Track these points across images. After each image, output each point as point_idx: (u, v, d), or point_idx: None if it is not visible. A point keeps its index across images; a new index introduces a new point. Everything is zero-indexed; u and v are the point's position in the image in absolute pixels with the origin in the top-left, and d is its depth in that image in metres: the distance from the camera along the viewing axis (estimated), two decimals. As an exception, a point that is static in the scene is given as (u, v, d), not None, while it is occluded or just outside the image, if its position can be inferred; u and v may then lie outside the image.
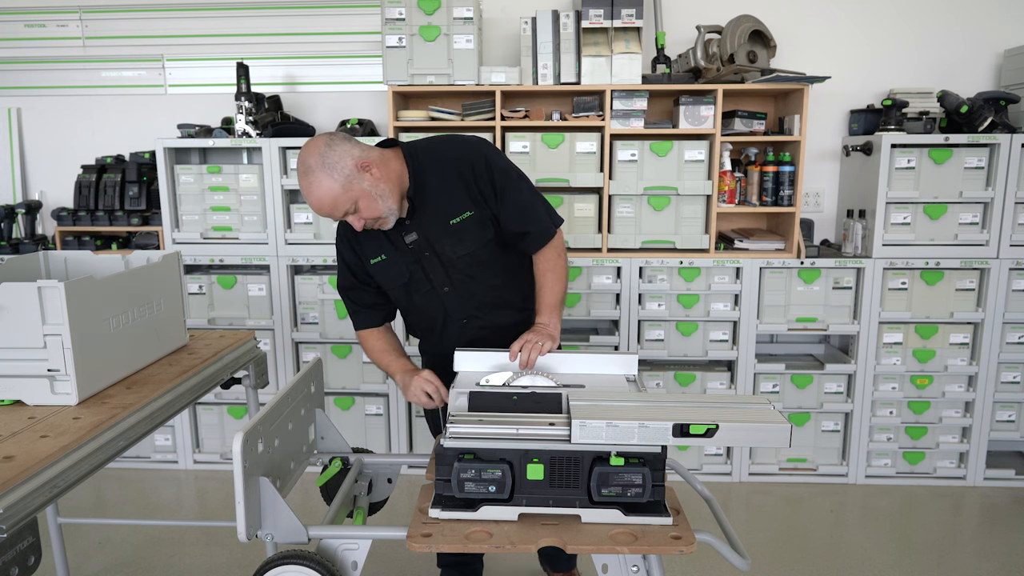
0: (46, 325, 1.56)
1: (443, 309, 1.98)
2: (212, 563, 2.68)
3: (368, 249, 1.95)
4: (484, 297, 1.97)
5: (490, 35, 3.48)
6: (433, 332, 2.06)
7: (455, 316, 1.98)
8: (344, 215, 1.78)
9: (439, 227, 1.89)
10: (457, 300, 1.96)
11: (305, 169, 1.73)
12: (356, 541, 1.49)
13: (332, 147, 1.74)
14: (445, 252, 1.91)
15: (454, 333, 2.00)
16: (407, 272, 1.94)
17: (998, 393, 3.24)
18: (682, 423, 1.38)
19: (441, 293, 1.96)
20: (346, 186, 1.73)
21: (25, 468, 1.27)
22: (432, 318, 2.02)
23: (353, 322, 2.09)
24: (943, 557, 2.73)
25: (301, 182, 1.75)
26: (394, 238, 1.92)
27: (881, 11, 3.42)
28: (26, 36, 3.61)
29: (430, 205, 1.89)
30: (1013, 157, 3.03)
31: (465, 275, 1.94)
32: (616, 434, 1.39)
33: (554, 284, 1.95)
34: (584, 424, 1.39)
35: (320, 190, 1.72)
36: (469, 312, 1.98)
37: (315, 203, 1.75)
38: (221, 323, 3.38)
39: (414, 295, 1.98)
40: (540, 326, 1.91)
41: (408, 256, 1.93)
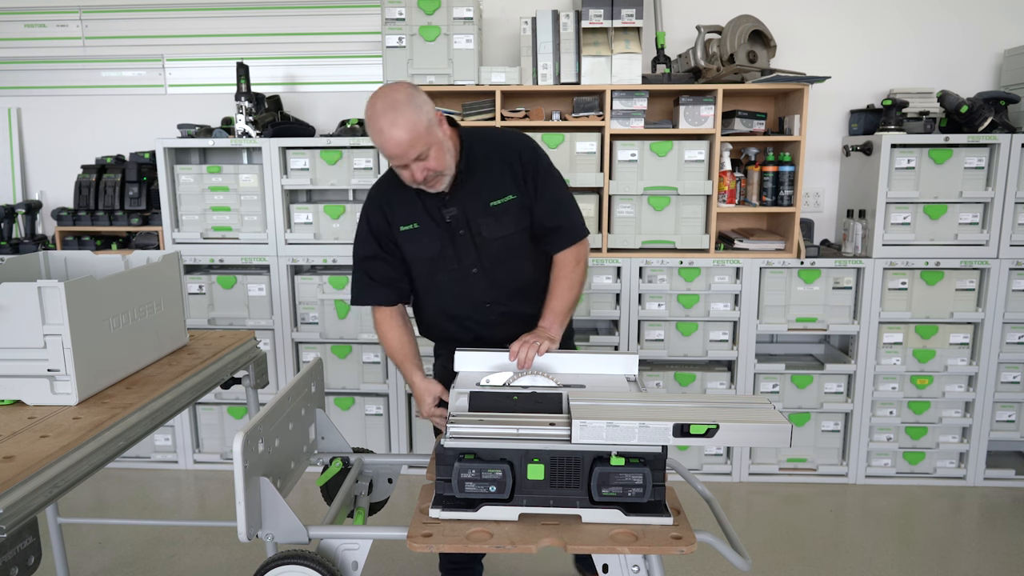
0: (46, 325, 1.56)
1: (466, 290, 1.97)
2: (212, 563, 2.68)
3: (400, 215, 1.94)
4: (511, 283, 1.97)
5: (490, 35, 3.48)
6: (451, 315, 2.02)
7: (479, 299, 1.97)
8: (415, 159, 1.76)
9: (479, 206, 1.91)
10: (484, 283, 1.96)
11: (390, 104, 1.72)
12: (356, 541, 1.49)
13: (417, 91, 1.77)
14: (480, 232, 1.92)
15: (475, 317, 1.99)
16: (438, 246, 1.93)
17: (998, 393, 3.24)
18: (683, 423, 1.38)
19: (468, 274, 1.95)
20: (428, 129, 1.75)
21: (25, 468, 1.27)
22: (453, 298, 1.99)
23: (362, 298, 2.02)
24: (943, 557, 2.73)
25: (382, 118, 1.71)
26: (431, 209, 1.92)
27: (881, 11, 3.42)
28: (26, 36, 3.61)
29: (474, 184, 1.91)
30: (1013, 157, 3.03)
31: (496, 258, 1.94)
32: (617, 434, 1.39)
33: (565, 292, 1.95)
34: (585, 424, 1.39)
35: (406, 124, 1.71)
36: (494, 296, 1.97)
37: (397, 136, 1.71)
38: (221, 323, 3.38)
39: (438, 273, 1.97)
40: (541, 329, 1.90)
41: (443, 230, 1.93)
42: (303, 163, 3.25)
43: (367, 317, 3.34)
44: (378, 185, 2.01)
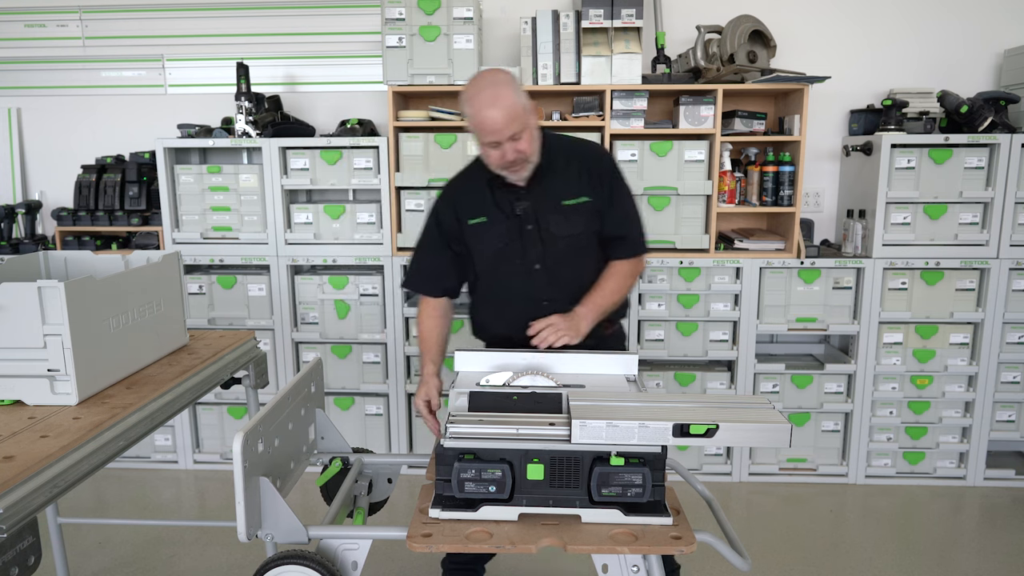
0: (46, 325, 1.56)
1: (527, 287, 1.99)
2: (212, 563, 2.68)
3: (470, 209, 2.00)
4: (572, 283, 1.98)
5: (490, 35, 3.48)
6: (508, 311, 2.03)
7: (537, 296, 1.98)
8: (509, 137, 1.82)
9: (551, 204, 1.96)
10: (545, 280, 1.98)
11: (492, 82, 1.82)
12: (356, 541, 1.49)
13: (516, 80, 1.88)
14: (549, 229, 1.95)
15: (530, 314, 1.97)
16: (505, 239, 1.97)
17: (998, 393, 3.24)
18: (682, 423, 1.38)
19: (531, 270, 1.97)
20: (526, 111, 1.84)
21: (25, 468, 1.27)
22: (512, 295, 2.01)
23: (410, 283, 2.13)
24: (943, 557, 2.73)
25: (485, 94, 1.81)
26: (502, 203, 1.97)
27: (881, 11, 3.42)
28: (26, 36, 3.61)
29: (550, 181, 1.96)
30: (1013, 157, 3.03)
31: (560, 257, 1.97)
32: (616, 434, 1.39)
33: (612, 290, 1.98)
34: (584, 424, 1.39)
35: (508, 102, 1.80)
36: (552, 295, 1.97)
37: (499, 112, 1.79)
38: (221, 323, 3.38)
39: (502, 265, 2.00)
40: (573, 314, 1.91)
41: (511, 224, 1.96)
42: (303, 163, 3.25)
43: (367, 317, 3.34)
44: (451, 182, 2.09)
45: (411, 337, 3.35)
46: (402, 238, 3.27)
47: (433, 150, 3.18)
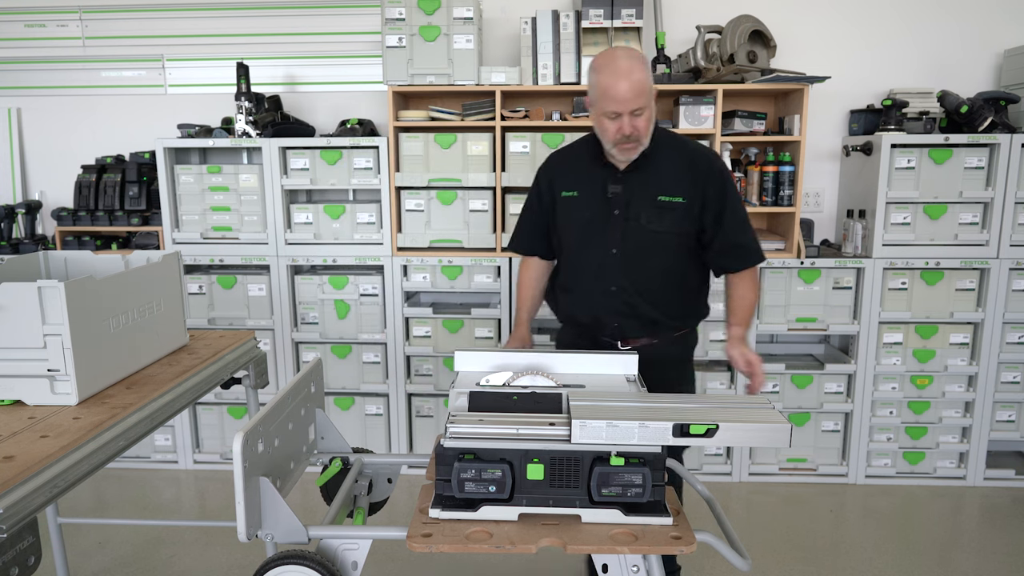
0: (46, 325, 1.56)
1: (601, 268, 2.01)
2: (212, 563, 2.68)
3: (565, 181, 2.06)
4: (644, 278, 2.00)
5: (490, 35, 3.48)
6: (579, 285, 2.08)
7: (607, 280, 2.01)
8: (633, 111, 1.85)
9: (646, 195, 1.97)
10: (617, 266, 2.00)
11: (628, 55, 1.86)
12: (356, 541, 1.49)
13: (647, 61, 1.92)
14: (638, 220, 1.97)
15: (597, 296, 2.03)
16: (590, 216, 2.01)
17: (998, 393, 3.25)
18: (682, 423, 1.38)
19: (608, 254, 2.00)
20: (651, 93, 1.88)
21: (25, 468, 1.27)
22: (585, 270, 2.05)
23: (512, 244, 2.23)
24: (943, 557, 2.73)
25: (619, 63, 1.84)
26: (596, 182, 2.01)
27: (881, 11, 3.42)
28: (26, 36, 3.61)
29: (650, 172, 1.98)
30: (1013, 157, 3.03)
31: (639, 248, 1.98)
32: (616, 434, 1.39)
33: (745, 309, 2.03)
34: (584, 424, 1.39)
35: (640, 76, 1.84)
36: (621, 283, 2.00)
37: (630, 84, 1.82)
38: (221, 323, 3.38)
39: (581, 243, 2.03)
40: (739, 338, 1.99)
41: (600, 204, 1.99)
42: (303, 163, 3.25)
43: (366, 317, 3.34)
44: (557, 151, 2.19)
45: (411, 337, 3.35)
46: (402, 238, 3.27)
47: (433, 150, 3.18)
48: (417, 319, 3.33)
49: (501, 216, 3.23)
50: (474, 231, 3.24)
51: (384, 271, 3.29)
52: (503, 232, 3.24)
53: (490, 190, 3.22)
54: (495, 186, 3.19)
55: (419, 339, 3.34)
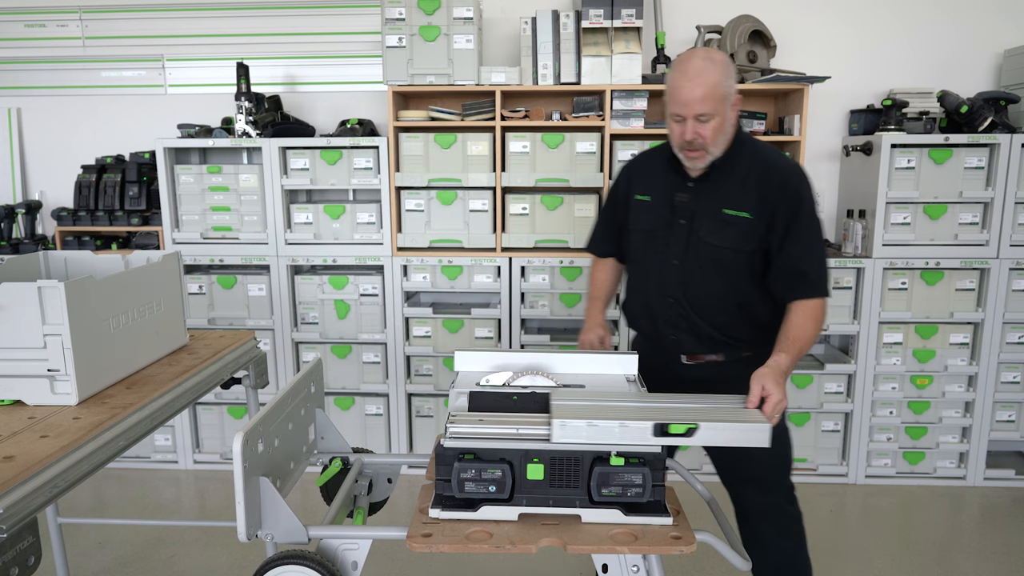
0: (46, 325, 1.56)
1: (660, 276, 1.95)
2: (212, 563, 2.68)
3: (641, 184, 2.01)
4: (702, 293, 1.90)
5: (490, 35, 3.48)
6: (640, 291, 2.03)
7: (666, 291, 1.94)
8: (697, 115, 1.76)
9: (712, 207, 1.87)
10: (676, 277, 1.92)
11: (707, 57, 1.77)
12: (356, 541, 1.49)
13: (733, 68, 1.82)
14: (699, 231, 1.87)
15: (657, 305, 1.97)
16: (656, 223, 1.94)
17: (998, 393, 3.24)
18: (662, 422, 1.39)
19: (668, 262, 1.93)
20: (724, 97, 1.77)
21: (25, 468, 1.27)
22: (647, 277, 2.00)
23: (588, 245, 2.21)
24: (943, 557, 2.73)
25: (693, 63, 1.76)
26: (668, 188, 1.94)
27: (881, 11, 3.42)
28: (26, 36, 3.61)
29: (720, 184, 1.87)
30: (1013, 157, 3.03)
31: (700, 262, 1.89)
32: (596, 433, 1.39)
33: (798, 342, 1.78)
34: (565, 424, 1.39)
35: (712, 81, 1.74)
36: (678, 295, 1.92)
37: (696, 86, 1.74)
38: (221, 323, 3.38)
39: (646, 248, 1.98)
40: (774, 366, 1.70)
41: (667, 212, 1.93)
42: (303, 163, 3.25)
43: (366, 317, 3.34)
44: (641, 153, 2.12)
45: (411, 337, 3.35)
46: (402, 238, 3.27)
47: (433, 150, 3.18)
48: (417, 319, 3.33)
49: (501, 216, 3.24)
50: (474, 231, 3.24)
51: (384, 271, 3.29)
52: (503, 232, 3.24)
53: (490, 190, 3.22)
54: (495, 186, 3.19)
55: (419, 339, 3.34)
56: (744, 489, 2.03)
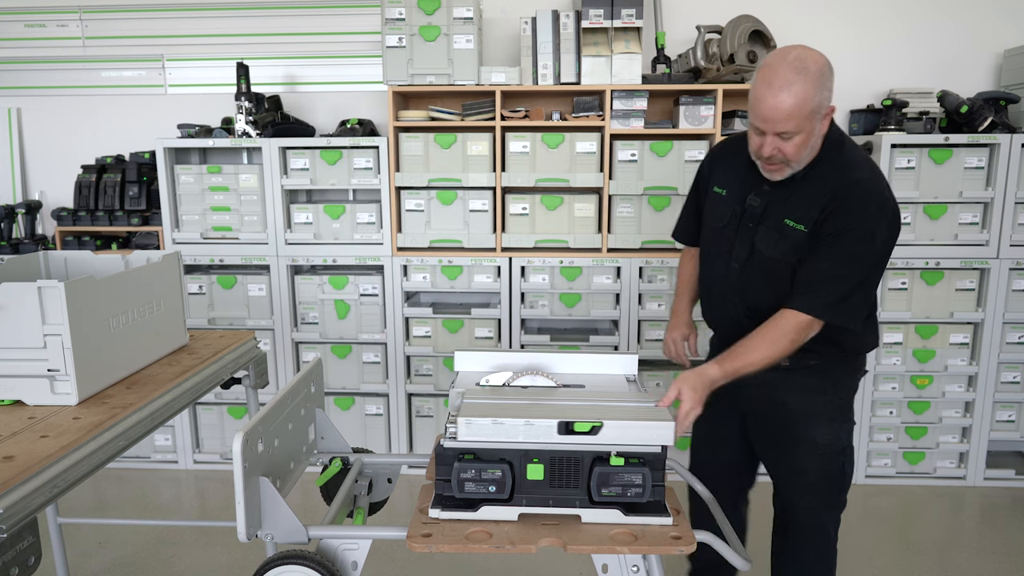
0: (46, 325, 1.56)
1: (722, 276, 1.88)
2: (212, 563, 2.68)
3: (720, 177, 1.89)
4: (756, 299, 1.82)
5: (490, 35, 3.48)
6: (705, 288, 1.99)
7: (726, 293, 1.88)
8: (776, 132, 1.61)
9: (776, 215, 1.76)
10: (735, 280, 1.85)
11: (801, 67, 1.57)
12: (356, 541, 1.49)
13: (831, 75, 1.62)
14: (756, 235, 1.79)
15: (718, 304, 1.93)
16: (726, 221, 1.84)
17: (998, 393, 3.24)
18: (567, 421, 1.40)
19: (730, 266, 1.85)
20: (812, 114, 1.59)
21: (25, 468, 1.27)
22: (710, 278, 1.95)
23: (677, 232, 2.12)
24: (943, 557, 2.73)
25: (779, 72, 1.57)
26: (745, 187, 1.82)
27: (881, 11, 3.42)
28: (26, 36, 3.61)
29: (793, 193, 1.74)
30: (1013, 157, 3.03)
31: (757, 269, 1.80)
32: (502, 431, 1.41)
33: (750, 353, 1.69)
34: (470, 422, 1.41)
35: (799, 93, 1.56)
36: (733, 299, 1.87)
37: (782, 98, 1.57)
38: (221, 323, 3.38)
39: (713, 245, 1.91)
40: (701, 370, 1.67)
41: (739, 210, 1.82)
42: (303, 163, 3.25)
43: (366, 317, 3.34)
44: (723, 142, 1.98)
45: (411, 337, 3.35)
46: (402, 238, 3.27)
47: (433, 150, 3.18)
48: (417, 319, 3.33)
49: (501, 216, 3.24)
50: (474, 231, 3.24)
51: (384, 271, 3.29)
52: (503, 232, 3.24)
53: (490, 190, 3.22)
54: (495, 186, 3.19)
55: (419, 339, 3.34)
56: (799, 502, 1.95)
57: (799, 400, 1.85)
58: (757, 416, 1.96)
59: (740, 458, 2.07)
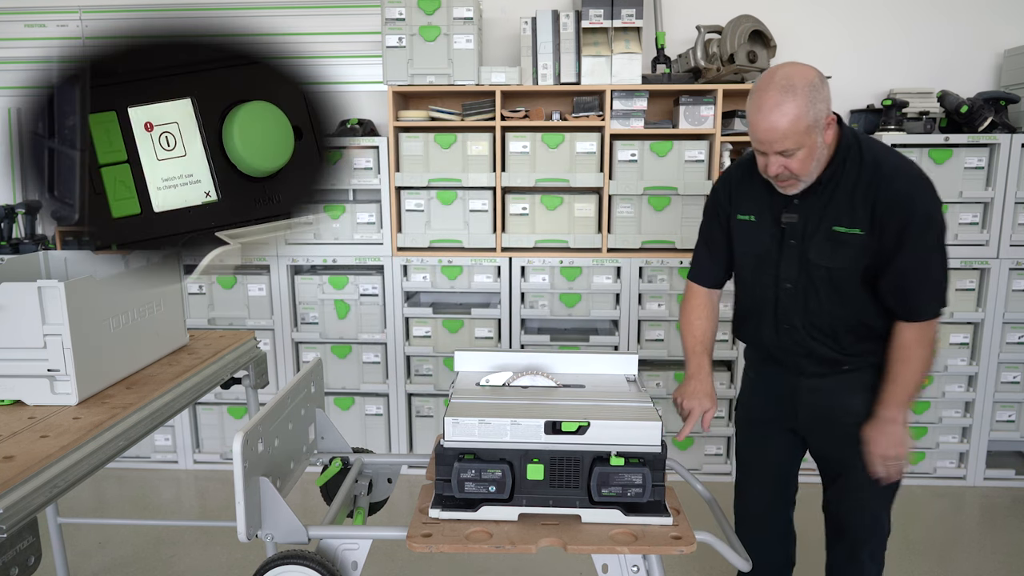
0: (46, 325, 1.56)
1: (773, 302, 1.82)
2: (212, 563, 2.68)
3: (743, 203, 1.84)
4: (821, 316, 1.77)
5: (490, 35, 3.48)
6: (752, 317, 1.90)
7: (781, 316, 1.82)
8: (778, 151, 1.61)
9: (822, 226, 1.71)
10: (790, 302, 1.79)
11: (787, 85, 1.56)
12: (356, 541, 1.49)
13: (823, 84, 1.60)
14: (810, 251, 1.73)
15: (771, 332, 1.85)
16: (766, 245, 1.80)
17: (998, 393, 3.24)
18: (553, 420, 1.41)
19: (782, 287, 1.79)
20: (809, 129, 1.58)
21: (25, 468, 1.27)
22: (759, 304, 1.87)
23: (695, 273, 1.99)
24: (943, 557, 2.73)
25: (768, 94, 1.57)
26: (774, 207, 1.77)
27: (881, 11, 3.42)
28: (26, 36, 3.61)
29: (828, 199, 1.70)
30: (1013, 157, 3.03)
31: (815, 284, 1.75)
32: (489, 431, 1.41)
33: (906, 376, 1.72)
34: (457, 422, 1.41)
35: (790, 112, 1.56)
36: (793, 321, 1.80)
37: (774, 120, 1.57)
38: (221, 323, 3.38)
39: (756, 272, 1.84)
40: (885, 423, 1.73)
41: (775, 232, 1.78)
42: (303, 163, 3.24)
43: (367, 317, 3.34)
44: (737, 165, 1.91)
45: (411, 337, 3.35)
46: (402, 238, 3.27)
47: (433, 150, 3.18)
48: (417, 319, 3.33)
49: (501, 216, 3.24)
50: (474, 231, 3.24)
51: (384, 271, 3.29)
52: (503, 232, 3.24)
53: (490, 190, 3.22)
54: (495, 186, 3.19)
55: (419, 339, 3.34)
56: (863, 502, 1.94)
57: (865, 400, 1.82)
58: (818, 426, 1.91)
59: (788, 473, 2.09)
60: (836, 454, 1.93)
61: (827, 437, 1.93)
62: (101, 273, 1.81)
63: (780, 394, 1.92)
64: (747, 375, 2.06)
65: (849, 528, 1.96)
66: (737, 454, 2.14)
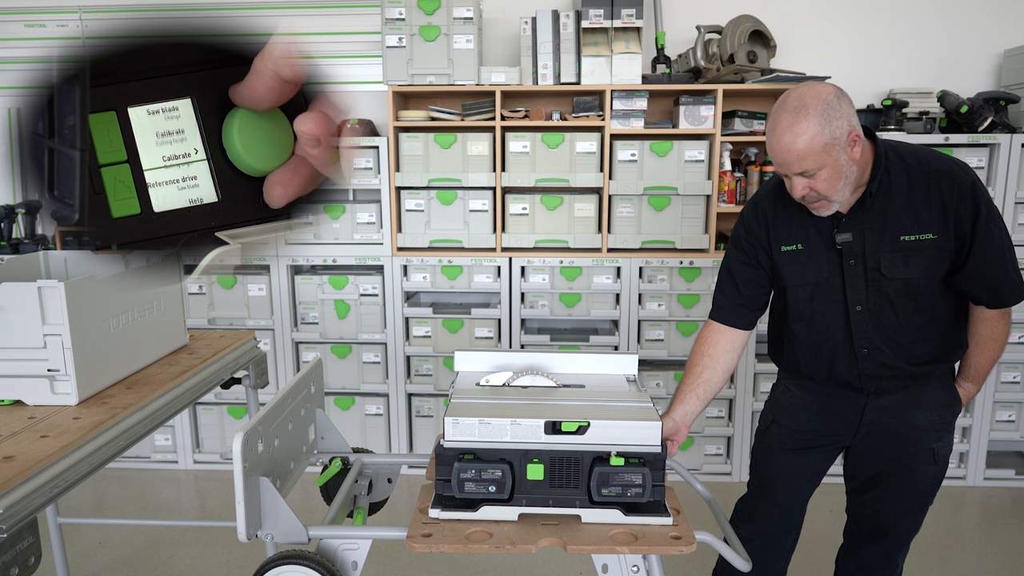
0: (46, 325, 1.56)
1: (845, 329, 1.73)
2: (212, 563, 2.68)
3: (783, 233, 1.74)
4: (900, 332, 1.70)
5: (490, 35, 3.48)
6: (822, 352, 1.78)
7: (857, 342, 1.72)
8: (799, 173, 1.57)
9: (885, 238, 1.65)
10: (866, 325, 1.70)
11: (799, 106, 1.53)
12: (356, 541, 1.49)
13: (840, 102, 1.55)
14: (879, 268, 1.66)
15: (844, 359, 1.75)
16: (824, 273, 1.71)
17: (998, 393, 3.24)
18: (553, 420, 1.40)
19: (852, 311, 1.70)
20: (828, 147, 1.53)
21: (25, 468, 1.27)
22: (827, 334, 1.76)
23: (718, 313, 1.85)
24: (943, 557, 2.73)
25: (783, 115, 1.55)
26: (821, 230, 1.70)
27: (880, 11, 3.42)
28: (26, 36, 3.61)
29: (884, 211, 1.64)
30: (1013, 157, 3.03)
31: (889, 300, 1.67)
32: (489, 431, 1.41)
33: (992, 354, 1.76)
34: (457, 422, 1.41)
35: (806, 134, 1.52)
36: (874, 342, 1.71)
37: (788, 142, 1.54)
38: (221, 323, 3.38)
39: (817, 301, 1.74)
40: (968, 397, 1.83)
41: (832, 256, 1.70)
42: (303, 163, 3.25)
43: (366, 317, 3.34)
44: (764, 196, 1.80)
45: (411, 337, 3.35)
46: (402, 238, 3.27)
47: (433, 150, 3.18)
48: (417, 319, 3.33)
49: (501, 216, 3.24)
50: (474, 231, 3.24)
51: (384, 271, 3.29)
52: (503, 232, 3.24)
53: (490, 190, 3.22)
54: (495, 186, 3.19)
55: (419, 339, 3.34)
56: (905, 513, 1.90)
57: (930, 416, 1.79)
58: (874, 441, 1.84)
59: (817, 481, 2.02)
60: (887, 465, 1.86)
61: (881, 450, 1.86)
62: (101, 273, 1.81)
63: (842, 413, 1.84)
64: (791, 392, 1.92)
65: (893, 531, 1.93)
66: (759, 455, 2.03)
